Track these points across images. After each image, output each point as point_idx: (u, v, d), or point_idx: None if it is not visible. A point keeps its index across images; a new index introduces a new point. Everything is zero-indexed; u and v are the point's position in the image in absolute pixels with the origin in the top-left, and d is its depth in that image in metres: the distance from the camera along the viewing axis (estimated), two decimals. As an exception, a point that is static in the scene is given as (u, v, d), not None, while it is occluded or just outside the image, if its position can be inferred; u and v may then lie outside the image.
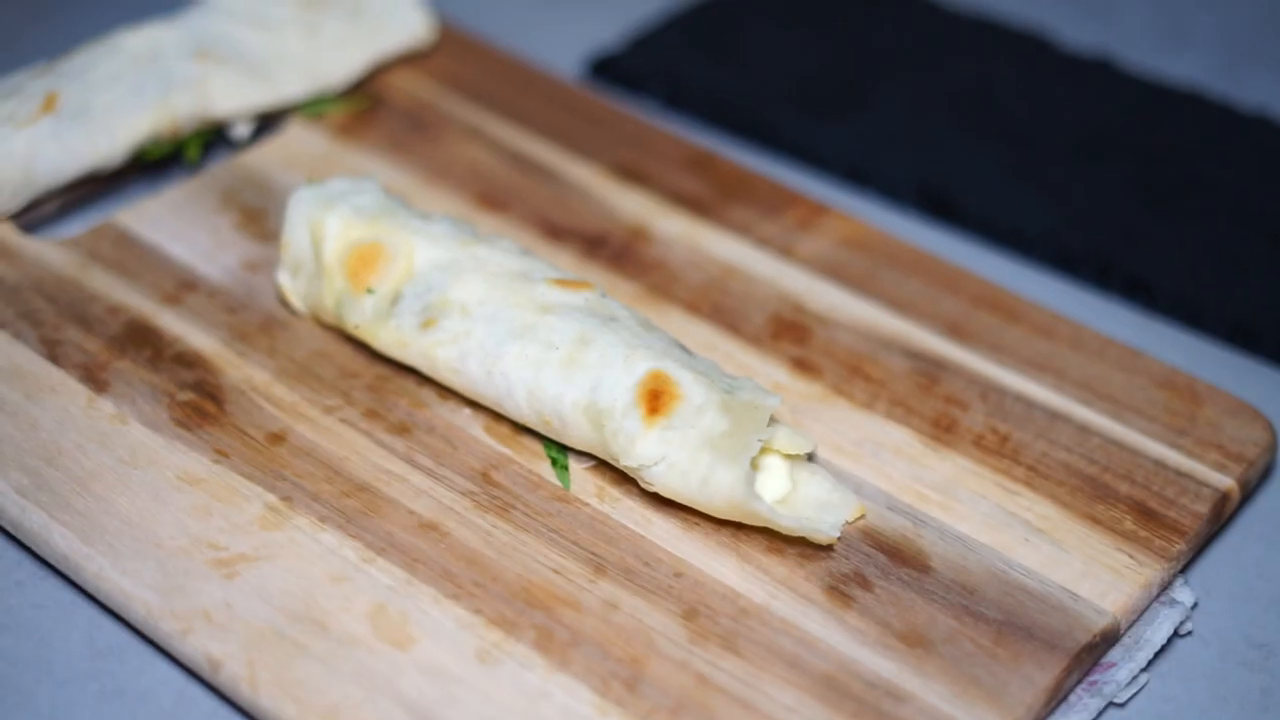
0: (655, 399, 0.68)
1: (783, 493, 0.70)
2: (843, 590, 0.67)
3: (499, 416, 0.74)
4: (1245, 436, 0.74)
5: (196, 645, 0.64)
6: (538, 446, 0.73)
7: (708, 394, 0.69)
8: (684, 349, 0.72)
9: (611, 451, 0.69)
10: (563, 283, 0.73)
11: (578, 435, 0.70)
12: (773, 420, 0.71)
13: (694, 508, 0.69)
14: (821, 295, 0.82)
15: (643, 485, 0.69)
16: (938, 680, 0.64)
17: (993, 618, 0.66)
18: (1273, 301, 0.85)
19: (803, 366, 0.78)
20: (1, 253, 0.81)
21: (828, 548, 0.68)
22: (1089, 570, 0.68)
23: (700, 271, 0.83)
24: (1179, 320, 0.86)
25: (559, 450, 0.72)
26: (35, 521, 0.68)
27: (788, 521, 0.67)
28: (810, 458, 0.72)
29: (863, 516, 0.70)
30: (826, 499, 0.70)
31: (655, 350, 0.70)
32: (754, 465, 0.69)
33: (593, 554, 0.68)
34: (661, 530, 0.69)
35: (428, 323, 0.73)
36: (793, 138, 0.96)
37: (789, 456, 0.70)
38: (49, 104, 0.84)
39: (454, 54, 0.97)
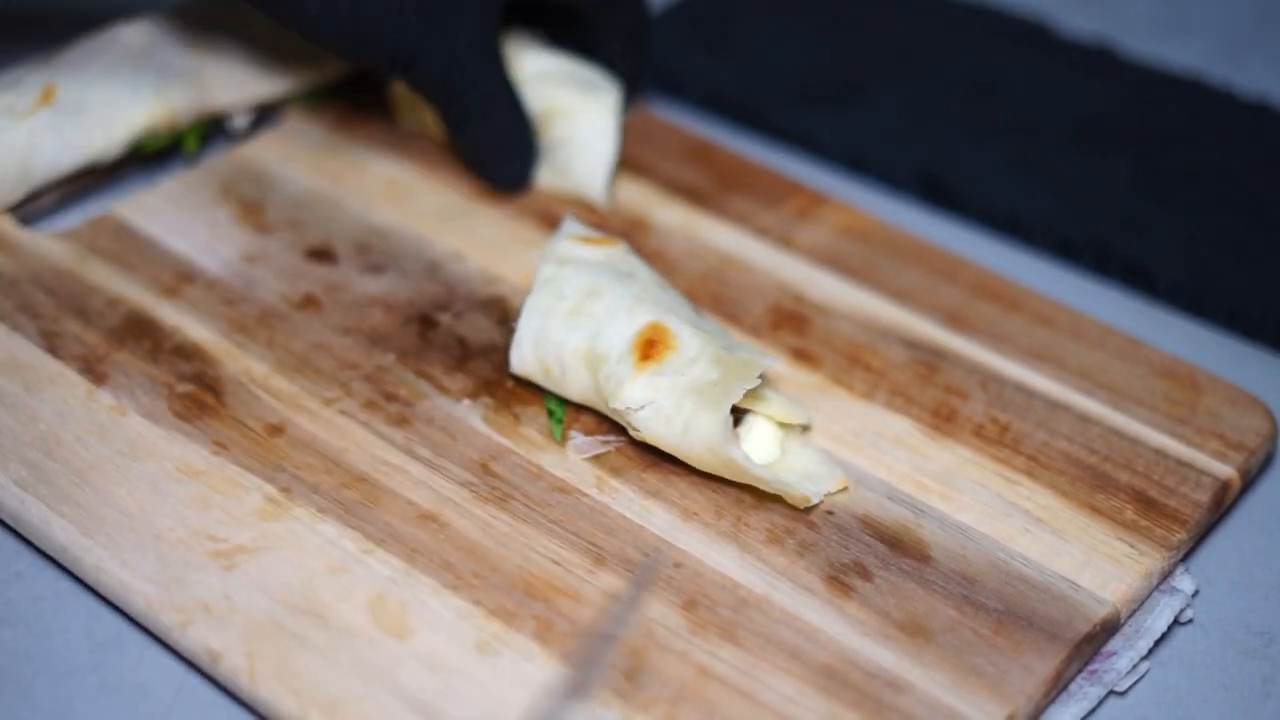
0: (649, 347, 0.70)
1: (770, 460, 0.70)
2: (843, 580, 0.67)
3: (498, 407, 0.74)
4: (1246, 425, 0.74)
5: (196, 637, 0.64)
6: (537, 437, 0.73)
7: (703, 347, 0.70)
8: (694, 309, 0.73)
9: (603, 394, 0.70)
10: (587, 240, 0.75)
11: (575, 383, 0.71)
12: (773, 389, 0.72)
13: (680, 458, 0.70)
14: (821, 285, 0.82)
15: (632, 434, 0.70)
16: (938, 670, 0.63)
17: (993, 607, 0.66)
18: (1273, 288, 0.85)
19: (802, 356, 0.77)
20: (0, 245, 0.81)
21: (825, 531, 0.68)
22: (1089, 560, 0.68)
23: (699, 261, 0.83)
24: (1179, 307, 0.86)
25: (557, 403, 0.73)
26: (35, 513, 0.68)
27: (760, 472, 0.68)
28: (805, 433, 0.73)
29: (845, 489, 0.70)
30: (814, 471, 0.70)
31: (662, 305, 0.72)
32: (744, 424, 0.70)
33: (592, 545, 0.68)
34: (661, 521, 0.69)
35: None
36: (792, 127, 0.96)
37: (784, 426, 0.71)
38: (47, 96, 0.84)
39: (452, 45, 0.97)
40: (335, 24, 0.76)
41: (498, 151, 0.84)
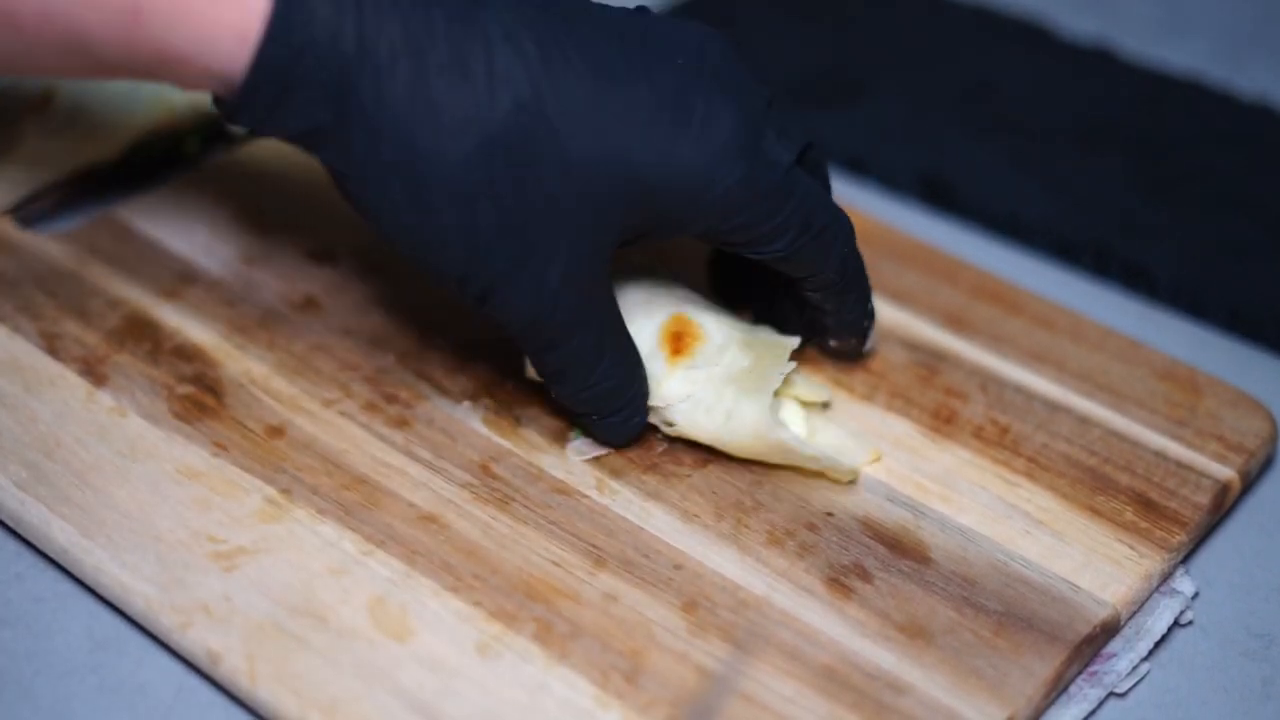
0: (678, 340, 0.71)
1: (800, 438, 0.71)
2: (842, 582, 0.67)
3: (499, 409, 0.74)
4: (1246, 427, 0.74)
5: (196, 638, 0.64)
6: (538, 439, 0.73)
7: (729, 334, 0.71)
8: (703, 298, 0.74)
9: None
10: None
11: None
12: (793, 365, 0.73)
13: (717, 447, 0.71)
14: (821, 286, 0.82)
15: (664, 429, 0.71)
16: (938, 672, 0.63)
17: (993, 609, 0.66)
18: (1274, 290, 0.85)
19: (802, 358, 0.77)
20: (0, 247, 0.81)
21: (824, 533, 0.68)
22: (1089, 561, 0.68)
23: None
24: (1179, 309, 0.86)
25: None
26: (34, 515, 0.68)
27: (811, 451, 0.69)
28: (826, 409, 0.74)
29: (879, 459, 0.72)
30: (843, 445, 0.72)
31: (676, 296, 0.73)
32: (771, 407, 0.71)
33: (592, 546, 0.68)
34: (661, 522, 0.69)
35: None
36: (792, 128, 0.96)
37: (805, 404, 0.73)
38: (47, 98, 0.84)
39: (453, 45, 0.96)
40: (395, 222, 0.63)
41: (601, 407, 0.70)
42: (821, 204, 0.68)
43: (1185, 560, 0.71)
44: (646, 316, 0.71)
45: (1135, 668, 0.67)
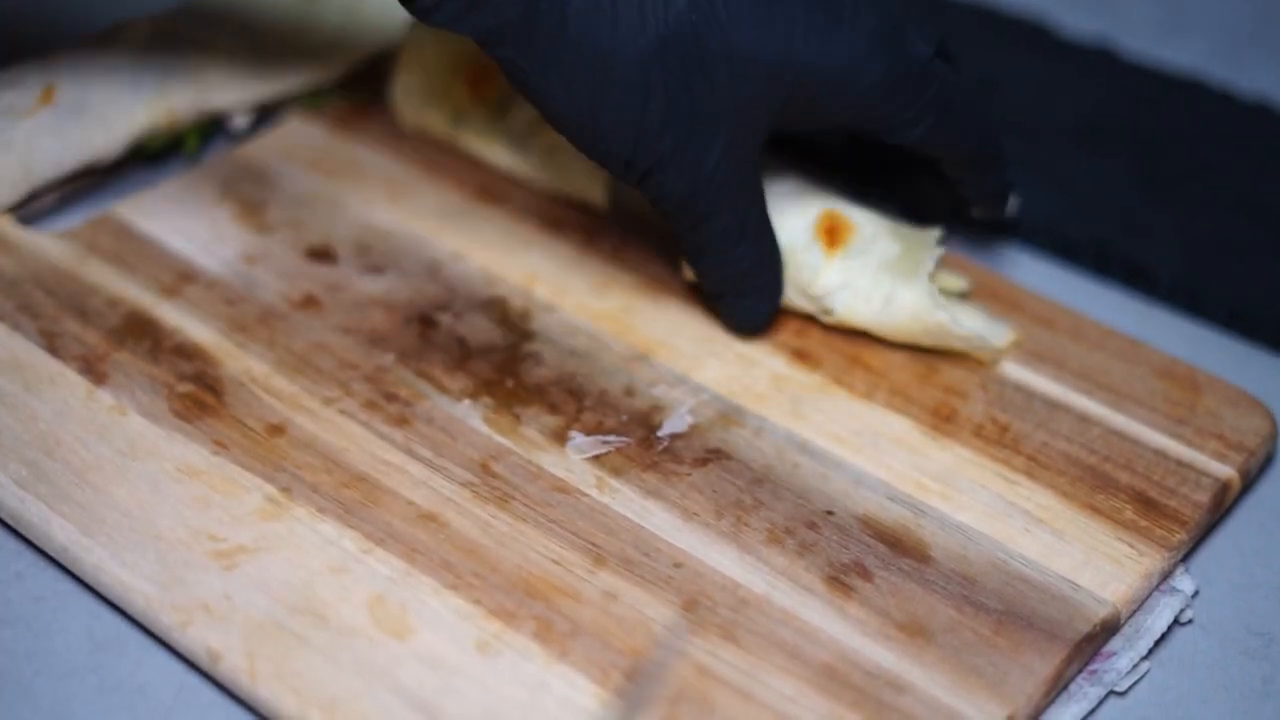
0: (832, 234, 0.76)
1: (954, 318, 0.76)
2: (843, 580, 0.67)
3: (498, 407, 0.74)
4: (1246, 426, 0.74)
5: (196, 637, 0.64)
6: (538, 437, 0.73)
7: (878, 224, 0.76)
8: (846, 195, 0.80)
9: (798, 284, 0.76)
10: None
11: None
12: (943, 250, 0.77)
13: (872, 331, 0.76)
14: (821, 285, 0.82)
15: (822, 318, 0.77)
16: (938, 670, 0.64)
17: (993, 608, 0.66)
18: (1273, 288, 0.85)
19: (802, 357, 0.77)
20: (0, 246, 0.81)
21: (825, 531, 0.68)
22: (1089, 560, 0.68)
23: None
24: (1180, 308, 0.86)
25: None
26: (34, 513, 0.68)
27: (963, 330, 0.74)
28: (964, 299, 0.79)
29: (1019, 342, 0.77)
30: (982, 329, 0.76)
31: (824, 193, 0.78)
32: None
33: (592, 544, 0.68)
34: (661, 520, 0.69)
35: None
36: (792, 127, 0.96)
37: (945, 293, 0.78)
38: (47, 96, 0.84)
39: (453, 45, 0.97)
40: (573, 111, 0.68)
41: (736, 286, 0.75)
42: (957, 92, 0.74)
43: (1185, 559, 0.71)
44: (800, 212, 0.76)
45: (1135, 666, 0.67)
